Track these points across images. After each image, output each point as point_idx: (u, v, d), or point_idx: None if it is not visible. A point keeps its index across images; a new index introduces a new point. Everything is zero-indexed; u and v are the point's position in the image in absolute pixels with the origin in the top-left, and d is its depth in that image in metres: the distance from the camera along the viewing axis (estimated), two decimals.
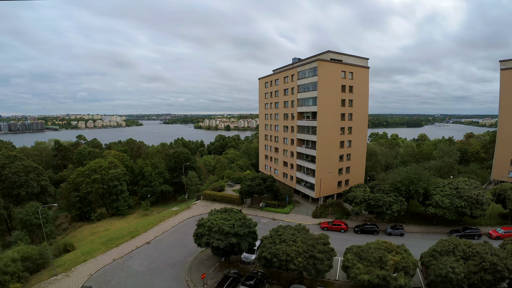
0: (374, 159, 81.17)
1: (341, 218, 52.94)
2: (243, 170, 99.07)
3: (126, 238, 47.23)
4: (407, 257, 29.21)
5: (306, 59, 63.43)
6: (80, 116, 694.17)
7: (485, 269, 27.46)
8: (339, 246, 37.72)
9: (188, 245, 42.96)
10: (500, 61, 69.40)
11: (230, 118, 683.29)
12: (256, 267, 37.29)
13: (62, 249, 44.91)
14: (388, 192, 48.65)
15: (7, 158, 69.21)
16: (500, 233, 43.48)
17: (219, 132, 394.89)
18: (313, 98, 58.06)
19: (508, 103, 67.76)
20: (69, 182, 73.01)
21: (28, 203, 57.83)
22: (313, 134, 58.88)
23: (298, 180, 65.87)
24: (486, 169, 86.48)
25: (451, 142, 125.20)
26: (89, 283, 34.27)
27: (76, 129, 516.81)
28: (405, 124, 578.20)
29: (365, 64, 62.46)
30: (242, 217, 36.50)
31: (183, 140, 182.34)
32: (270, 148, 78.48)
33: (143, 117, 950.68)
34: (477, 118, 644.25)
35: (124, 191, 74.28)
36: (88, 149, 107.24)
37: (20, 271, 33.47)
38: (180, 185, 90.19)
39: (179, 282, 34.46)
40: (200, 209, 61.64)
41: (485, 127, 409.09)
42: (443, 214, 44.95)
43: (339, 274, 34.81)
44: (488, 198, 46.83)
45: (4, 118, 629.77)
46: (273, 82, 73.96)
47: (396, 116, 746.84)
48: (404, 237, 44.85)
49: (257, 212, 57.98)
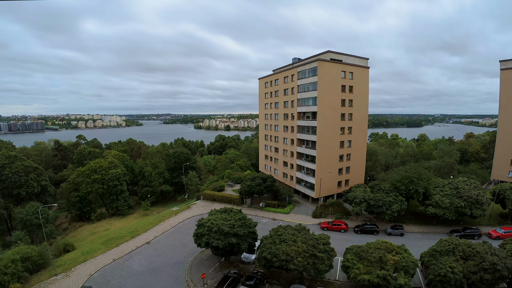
0: (374, 159, 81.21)
1: (341, 218, 52.95)
2: (243, 170, 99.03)
3: (126, 238, 47.23)
4: (407, 257, 29.24)
5: (306, 59, 63.44)
6: (80, 116, 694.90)
7: (484, 269, 27.50)
8: (339, 246, 37.79)
9: (188, 245, 43.02)
10: (500, 61, 69.46)
11: (230, 118, 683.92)
12: (256, 267, 37.29)
13: (62, 249, 44.95)
14: (388, 192, 48.64)
15: (7, 158, 69.38)
16: (500, 233, 43.52)
17: (219, 132, 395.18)
18: (313, 98, 58.07)
19: (508, 103, 67.83)
20: (69, 182, 73.09)
21: (28, 203, 57.96)
22: (313, 134, 58.89)
23: (298, 180, 65.87)
24: (486, 169, 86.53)
25: (451, 142, 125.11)
26: (89, 283, 34.29)
27: (76, 129, 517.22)
28: (405, 124, 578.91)
29: (365, 64, 62.47)
30: (242, 217, 36.51)
31: (183, 140, 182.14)
32: (270, 148, 78.49)
33: (143, 117, 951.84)
34: (477, 118, 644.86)
35: (124, 191, 74.31)
36: (88, 149, 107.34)
37: (20, 271, 33.46)
38: (180, 185, 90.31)
39: (179, 282, 34.47)
40: (200, 209, 61.65)
41: (485, 127, 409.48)
42: (443, 214, 44.95)
43: (339, 274, 34.83)
44: (488, 198, 46.90)
45: (4, 118, 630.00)
46: (273, 82, 73.98)
47: (396, 116, 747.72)
48: (404, 237, 44.86)
49: (257, 212, 57.99)
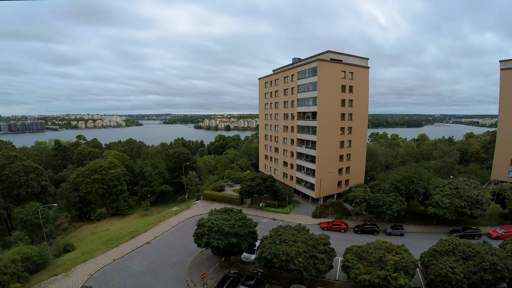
0: (374, 159, 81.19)
1: (341, 218, 52.94)
2: (243, 170, 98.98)
3: (126, 238, 47.22)
4: (407, 257, 29.23)
5: (306, 59, 63.43)
6: (80, 116, 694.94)
7: (485, 269, 27.51)
8: (339, 246, 37.79)
9: (188, 245, 43.00)
10: (500, 61, 69.47)
11: (230, 118, 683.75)
12: (256, 267, 37.28)
13: (62, 249, 44.99)
14: (388, 192, 48.63)
15: (7, 158, 69.40)
16: (500, 233, 43.53)
17: (219, 132, 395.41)
18: (313, 98, 58.06)
19: (508, 103, 67.83)
20: (69, 182, 73.10)
21: (28, 203, 57.97)
22: (313, 134, 58.87)
23: (298, 180, 65.86)
24: (486, 169, 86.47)
25: (451, 142, 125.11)
26: (89, 283, 34.28)
27: (76, 129, 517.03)
28: (405, 124, 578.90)
29: (365, 64, 62.47)
30: (242, 217, 36.48)
31: (183, 140, 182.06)
32: (270, 148, 78.48)
33: (143, 117, 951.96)
34: (477, 118, 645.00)
35: (124, 191, 74.33)
36: (88, 149, 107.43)
37: (20, 271, 33.45)
38: (180, 185, 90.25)
39: (179, 282, 34.46)
40: (200, 209, 61.63)
41: (485, 127, 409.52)
42: (443, 214, 44.95)
43: (339, 274, 34.82)
44: (488, 198, 46.89)
45: (4, 118, 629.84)
46: (273, 82, 73.96)
47: (396, 116, 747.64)
48: (404, 237, 44.87)
49: (257, 212, 57.98)
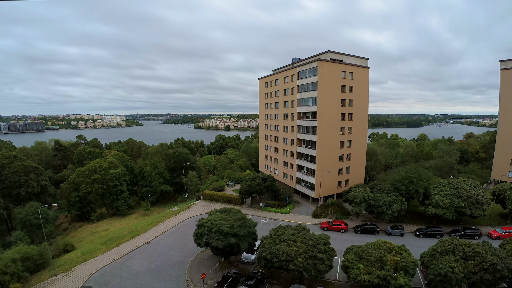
0: (374, 159, 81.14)
1: (341, 218, 52.94)
2: (243, 170, 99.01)
3: (126, 238, 47.22)
4: (407, 257, 29.23)
5: (306, 59, 63.43)
6: (80, 116, 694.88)
7: (484, 269, 27.52)
8: (339, 246, 37.78)
9: (188, 245, 42.99)
10: (500, 61, 69.46)
11: (230, 118, 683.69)
12: (256, 267, 37.28)
13: (62, 249, 44.90)
14: (388, 192, 48.65)
15: (7, 158, 69.34)
16: (500, 233, 43.54)
17: (219, 132, 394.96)
18: (313, 98, 58.05)
19: (508, 103, 67.83)
20: (69, 182, 73.10)
21: (28, 203, 57.83)
22: (313, 134, 58.87)
23: (298, 180, 65.86)
24: (486, 169, 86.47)
25: (451, 142, 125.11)
26: (89, 283, 34.30)
27: (76, 129, 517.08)
28: (405, 124, 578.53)
29: (365, 64, 62.46)
30: (242, 217, 36.43)
31: (183, 140, 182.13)
32: (270, 148, 78.48)
33: (143, 117, 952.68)
34: (477, 118, 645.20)
35: (124, 191, 74.32)
36: (88, 149, 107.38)
37: (20, 271, 33.46)
38: (180, 185, 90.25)
39: (179, 282, 34.46)
40: (200, 209, 61.63)
41: (485, 127, 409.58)
42: (443, 214, 44.96)
43: (339, 274, 34.82)
44: (488, 198, 46.87)
45: (4, 118, 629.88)
46: (273, 82, 73.96)
47: (396, 116, 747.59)
48: (404, 237, 44.87)
49: (257, 212, 57.97)
